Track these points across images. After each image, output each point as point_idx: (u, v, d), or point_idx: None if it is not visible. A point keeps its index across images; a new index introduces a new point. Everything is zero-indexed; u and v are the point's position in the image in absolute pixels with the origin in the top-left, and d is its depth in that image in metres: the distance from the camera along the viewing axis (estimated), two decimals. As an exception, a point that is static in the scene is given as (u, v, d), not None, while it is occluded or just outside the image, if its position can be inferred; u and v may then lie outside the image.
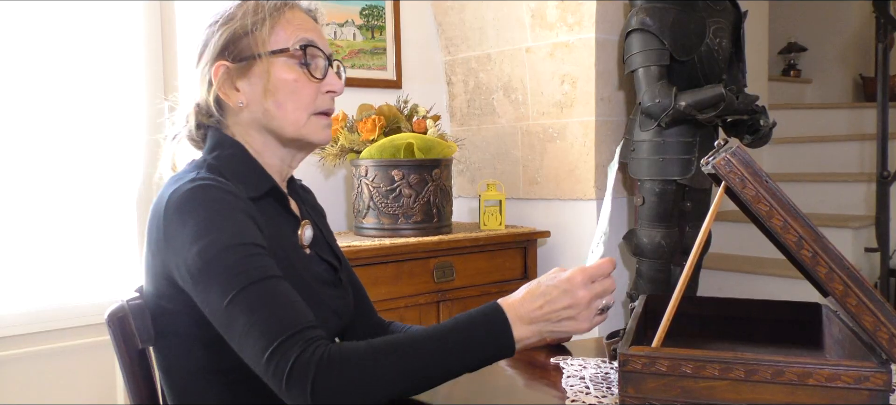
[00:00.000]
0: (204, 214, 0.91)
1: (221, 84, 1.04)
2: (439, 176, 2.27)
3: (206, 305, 0.90)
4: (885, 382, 0.77)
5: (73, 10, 2.09)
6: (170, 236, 0.93)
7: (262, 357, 0.84)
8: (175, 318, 0.99)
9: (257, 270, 0.89)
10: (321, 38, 1.08)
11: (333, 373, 0.83)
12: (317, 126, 1.07)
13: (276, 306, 0.86)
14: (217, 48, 1.04)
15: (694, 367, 0.82)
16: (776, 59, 4.69)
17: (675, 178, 2.28)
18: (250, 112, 1.05)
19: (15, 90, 2.01)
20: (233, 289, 0.87)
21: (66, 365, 2.07)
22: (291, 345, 0.84)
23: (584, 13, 2.38)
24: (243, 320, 0.86)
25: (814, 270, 0.81)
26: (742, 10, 2.46)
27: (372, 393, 0.84)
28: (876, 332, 0.79)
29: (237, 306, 0.86)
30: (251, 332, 0.85)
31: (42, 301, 2.05)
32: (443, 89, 2.90)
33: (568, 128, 2.49)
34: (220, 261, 0.88)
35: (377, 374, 0.84)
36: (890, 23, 2.87)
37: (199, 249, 0.89)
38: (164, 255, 0.95)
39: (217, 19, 1.06)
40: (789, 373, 0.80)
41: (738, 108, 2.22)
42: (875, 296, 0.79)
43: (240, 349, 0.87)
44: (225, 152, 1.05)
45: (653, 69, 2.24)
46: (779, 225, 0.82)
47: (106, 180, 2.16)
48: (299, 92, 1.04)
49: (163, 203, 0.95)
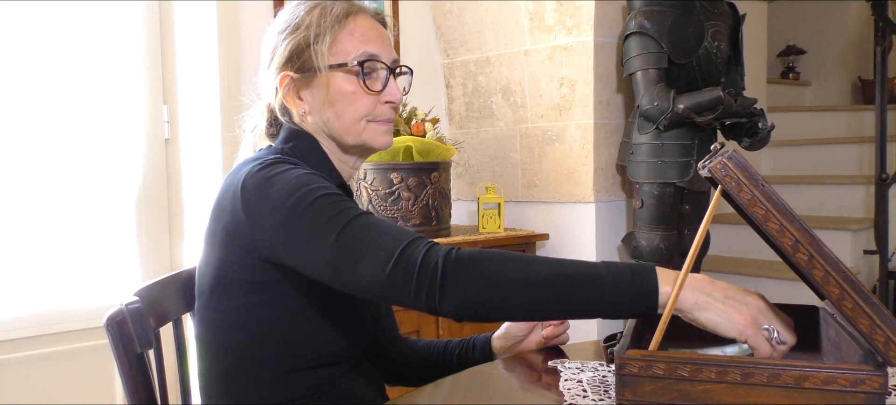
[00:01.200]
0: (288, 178, 0.95)
1: (286, 93, 1.08)
2: (438, 179, 2.27)
3: (306, 257, 0.91)
4: (881, 385, 0.77)
5: (70, 11, 2.09)
6: (251, 210, 0.95)
7: (386, 268, 0.86)
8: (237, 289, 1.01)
9: (353, 209, 0.92)
10: (384, 46, 1.09)
11: (461, 265, 0.85)
12: (375, 132, 1.10)
13: (384, 227, 0.90)
14: (282, 58, 1.07)
15: (691, 370, 0.82)
16: (775, 62, 4.70)
17: (674, 180, 2.28)
18: (313, 120, 1.09)
19: (13, 92, 2.01)
20: (337, 228, 0.89)
21: (65, 369, 2.07)
22: (413, 249, 0.86)
23: (583, 16, 2.38)
24: (356, 247, 0.88)
25: (810, 274, 0.81)
26: (740, 12, 2.47)
27: (496, 293, 0.85)
28: (872, 336, 0.79)
29: (345, 239, 0.89)
30: (367, 255, 0.87)
31: (41, 305, 2.05)
32: (441, 92, 2.91)
33: (567, 131, 2.49)
34: (314, 210, 0.91)
35: (505, 275, 0.85)
36: (888, 26, 2.88)
37: (291, 204, 0.92)
38: (242, 229, 0.97)
39: (285, 27, 1.08)
40: (786, 376, 0.80)
41: (736, 111, 2.22)
42: (871, 299, 0.79)
43: (354, 279, 0.89)
44: (300, 144, 1.09)
45: (651, 72, 2.25)
46: (775, 228, 0.82)
47: (105, 183, 2.16)
48: (357, 103, 1.07)
49: (239, 181, 0.98)
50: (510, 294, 0.85)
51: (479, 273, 0.85)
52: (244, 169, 0.99)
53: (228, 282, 1.02)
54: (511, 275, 0.85)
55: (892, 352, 0.78)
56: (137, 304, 1.04)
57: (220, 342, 1.05)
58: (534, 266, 0.86)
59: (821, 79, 4.83)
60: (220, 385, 1.06)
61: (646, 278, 0.86)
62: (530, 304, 0.86)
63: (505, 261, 0.86)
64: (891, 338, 0.77)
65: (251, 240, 0.96)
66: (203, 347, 1.08)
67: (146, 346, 1.04)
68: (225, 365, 1.05)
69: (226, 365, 1.05)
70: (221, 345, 1.05)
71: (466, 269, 0.85)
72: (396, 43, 2.71)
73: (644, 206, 2.33)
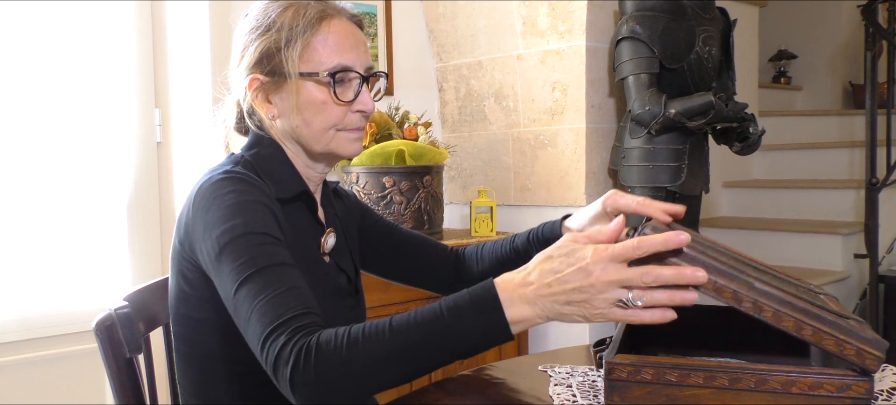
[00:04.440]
0: (227, 202, 0.94)
1: (255, 96, 1.06)
2: (430, 183, 2.27)
3: (221, 291, 0.92)
4: (867, 390, 0.78)
5: (60, 12, 2.08)
6: (196, 222, 0.96)
7: (257, 344, 0.85)
8: (195, 304, 1.01)
9: (266, 257, 0.89)
10: (359, 53, 1.05)
11: (309, 368, 0.80)
12: (344, 141, 1.07)
13: (276, 293, 0.86)
14: (252, 59, 1.05)
15: (679, 376, 0.83)
16: (766, 67, 4.72)
17: (665, 185, 2.29)
18: (281, 124, 1.07)
19: (2, 95, 2.00)
20: (242, 276, 0.88)
21: (56, 373, 2.06)
22: (280, 333, 0.83)
23: (575, 21, 2.39)
24: (247, 306, 0.86)
25: (761, 318, 0.81)
26: (731, 18, 2.48)
27: (346, 386, 0.80)
28: (843, 351, 0.79)
29: (242, 293, 0.87)
30: (251, 319, 0.86)
31: (32, 308, 2.04)
32: (434, 96, 2.91)
33: (559, 135, 2.50)
34: (234, 248, 0.90)
35: (352, 367, 0.80)
36: (878, 31, 2.90)
37: (217, 235, 0.91)
38: (191, 239, 0.98)
39: (256, 26, 1.05)
40: (773, 381, 0.80)
41: (727, 116, 2.23)
42: (827, 317, 0.79)
43: (245, 338, 0.88)
44: (263, 151, 1.07)
45: (643, 77, 2.26)
46: (712, 288, 0.82)
47: (96, 186, 2.15)
48: (327, 112, 1.04)
49: (191, 196, 0.99)
50: (365, 382, 0.81)
51: (321, 373, 0.80)
52: (201, 180, 0.99)
53: (189, 297, 1.02)
54: (363, 364, 0.80)
55: (867, 360, 0.78)
56: (127, 309, 1.04)
57: (191, 354, 1.05)
58: (384, 343, 0.81)
59: (812, 83, 4.86)
60: (196, 394, 1.06)
61: (490, 309, 0.82)
62: (390, 383, 0.83)
63: (352, 347, 0.81)
64: (861, 348, 0.78)
65: (195, 253, 0.97)
66: (177, 358, 1.08)
67: (135, 351, 1.04)
68: (198, 376, 1.05)
69: (198, 376, 1.05)
70: (192, 357, 1.05)
71: (315, 370, 0.80)
72: (389, 46, 2.72)
73: (636, 210, 2.33)
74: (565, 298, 0.80)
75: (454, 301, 0.83)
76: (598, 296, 0.79)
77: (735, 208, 3.71)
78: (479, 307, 0.82)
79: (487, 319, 0.81)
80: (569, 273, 0.80)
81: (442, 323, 0.82)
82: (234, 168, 1.00)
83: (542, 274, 0.82)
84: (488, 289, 0.83)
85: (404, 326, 0.82)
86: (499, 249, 1.26)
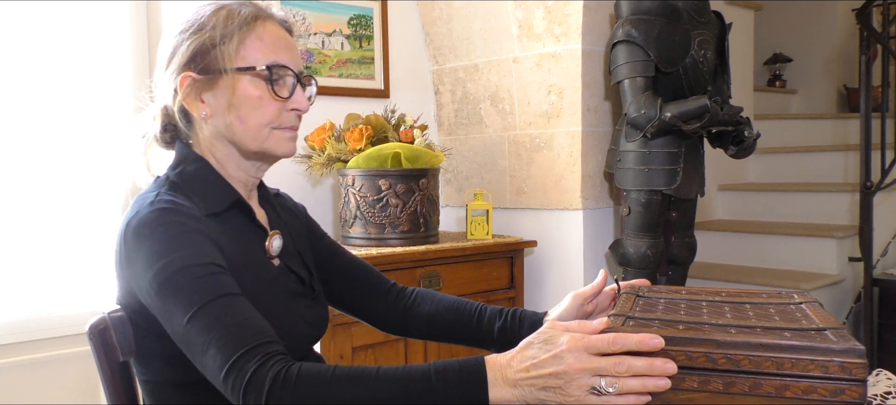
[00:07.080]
0: (159, 238, 0.92)
1: (186, 95, 1.04)
2: (426, 185, 2.27)
3: (167, 326, 0.91)
4: (860, 395, 0.78)
5: (54, 11, 2.07)
6: (131, 260, 0.95)
7: (220, 374, 0.84)
8: (141, 334, 1.01)
9: (213, 289, 0.89)
10: (292, 54, 1.06)
11: (288, 392, 0.82)
12: (279, 139, 1.06)
13: (232, 323, 0.86)
14: (184, 58, 1.03)
15: (673, 380, 0.83)
16: (762, 70, 4.74)
17: (661, 188, 2.29)
18: (214, 123, 1.05)
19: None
20: (190, 310, 0.87)
21: (49, 375, 2.06)
22: (248, 359, 0.83)
23: (571, 24, 2.40)
24: (202, 339, 0.86)
25: (739, 369, 0.81)
26: (727, 22, 2.48)
27: None
28: (828, 370, 0.79)
29: (194, 326, 0.87)
30: (209, 350, 0.85)
31: (25, 311, 2.03)
32: (430, 99, 2.91)
33: (555, 138, 2.50)
34: (175, 283, 0.89)
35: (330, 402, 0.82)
36: (873, 35, 2.91)
37: (155, 272, 0.90)
38: (127, 276, 0.97)
39: (188, 28, 1.04)
40: (767, 385, 0.81)
41: (722, 120, 2.24)
42: (799, 345, 0.79)
43: (202, 368, 0.88)
44: (188, 168, 1.05)
45: (638, 80, 2.26)
46: (684, 359, 0.82)
47: (89, 188, 2.15)
48: (263, 108, 1.03)
49: (122, 228, 0.98)
50: None
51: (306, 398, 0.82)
52: (129, 214, 0.98)
53: (133, 312, 1.01)
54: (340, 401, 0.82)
55: (854, 370, 0.78)
56: (120, 313, 1.04)
57: (146, 366, 1.05)
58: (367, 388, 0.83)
59: (807, 87, 4.88)
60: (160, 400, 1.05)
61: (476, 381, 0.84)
62: None
63: (334, 383, 0.83)
64: (844, 362, 0.78)
65: (136, 286, 0.96)
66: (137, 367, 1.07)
67: (128, 355, 1.04)
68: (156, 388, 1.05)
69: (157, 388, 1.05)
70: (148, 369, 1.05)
71: (293, 394, 0.82)
72: (385, 49, 2.72)
73: (631, 214, 2.34)
74: (542, 383, 0.83)
75: (444, 365, 0.86)
76: (571, 383, 0.82)
77: (730, 211, 3.72)
78: (466, 377, 0.84)
79: (470, 390, 0.84)
80: (545, 359, 0.83)
81: (428, 382, 0.84)
82: (161, 196, 0.98)
83: (523, 359, 0.85)
84: (479, 363, 0.85)
85: (390, 377, 0.84)
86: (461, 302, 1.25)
